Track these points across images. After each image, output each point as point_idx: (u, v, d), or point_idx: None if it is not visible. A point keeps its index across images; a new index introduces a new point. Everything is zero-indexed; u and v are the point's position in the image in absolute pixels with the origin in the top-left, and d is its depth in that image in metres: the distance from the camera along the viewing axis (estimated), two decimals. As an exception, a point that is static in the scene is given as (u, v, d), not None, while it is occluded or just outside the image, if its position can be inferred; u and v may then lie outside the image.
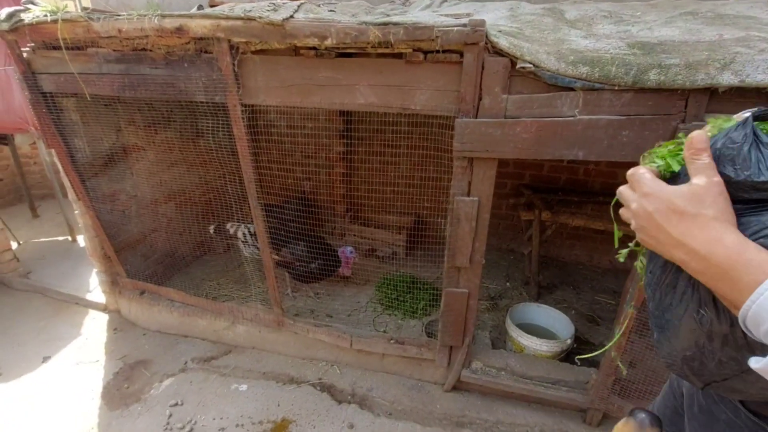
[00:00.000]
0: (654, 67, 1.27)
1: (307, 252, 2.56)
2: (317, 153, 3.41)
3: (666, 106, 1.32)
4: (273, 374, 2.38)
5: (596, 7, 2.05)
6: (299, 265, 2.58)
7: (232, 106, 1.77)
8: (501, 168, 3.24)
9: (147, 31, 1.68)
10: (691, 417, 0.89)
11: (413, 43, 1.44)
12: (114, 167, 2.55)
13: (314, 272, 2.60)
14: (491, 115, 1.49)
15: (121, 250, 2.65)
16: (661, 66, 1.27)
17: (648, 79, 1.27)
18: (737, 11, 1.85)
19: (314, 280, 2.71)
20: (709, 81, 1.25)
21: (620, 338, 1.71)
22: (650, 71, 1.27)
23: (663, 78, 1.26)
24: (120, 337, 2.73)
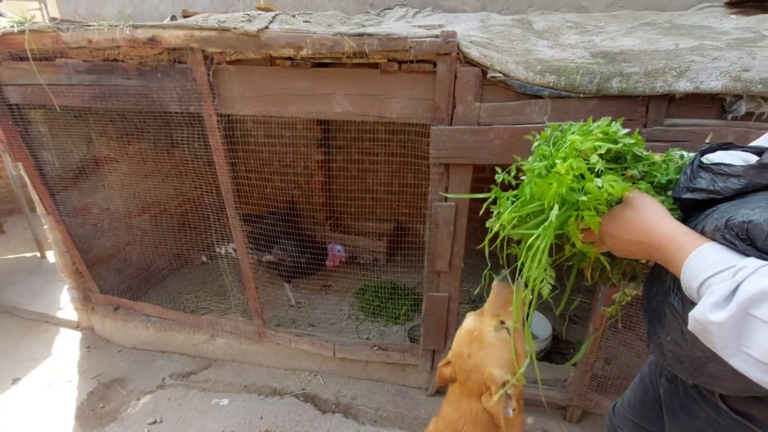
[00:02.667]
0: (616, 75, 1.34)
1: (296, 248, 2.57)
2: (296, 162, 3.41)
3: (629, 111, 1.39)
4: (255, 387, 2.34)
5: (563, 18, 2.14)
6: (290, 260, 2.57)
7: (208, 116, 1.76)
8: (478, 173, 3.30)
9: (119, 42, 1.66)
10: (672, 416, 0.93)
11: (388, 53, 1.47)
12: (85, 180, 2.48)
13: (304, 266, 2.60)
14: (465, 123, 1.53)
15: (94, 265, 2.57)
16: (622, 74, 1.34)
17: (611, 87, 1.34)
18: (693, 21, 1.97)
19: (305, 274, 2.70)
20: (667, 88, 1.32)
21: (596, 335, 1.77)
22: (613, 79, 1.34)
23: (624, 86, 1.33)
24: (94, 355, 2.63)
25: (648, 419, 1.15)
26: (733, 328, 0.55)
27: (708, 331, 0.58)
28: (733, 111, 1.34)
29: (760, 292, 0.52)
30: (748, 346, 0.54)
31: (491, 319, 1.06)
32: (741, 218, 0.58)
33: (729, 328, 0.55)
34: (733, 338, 0.55)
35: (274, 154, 3.31)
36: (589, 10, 2.44)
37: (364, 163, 3.24)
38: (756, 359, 0.54)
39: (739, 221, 0.58)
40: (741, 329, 0.54)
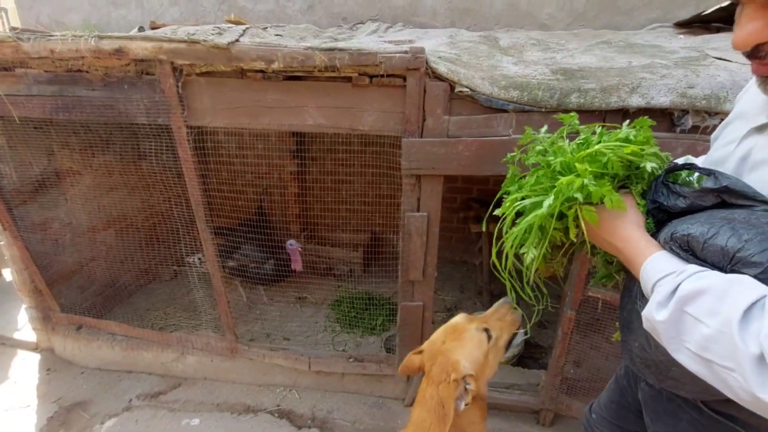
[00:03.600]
0: (574, 91, 1.42)
1: (260, 253, 2.51)
2: (269, 173, 3.37)
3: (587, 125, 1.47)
4: (227, 405, 2.28)
5: (527, 36, 2.25)
6: (254, 266, 2.51)
7: (177, 128, 1.74)
8: (450, 183, 3.38)
9: (83, 53, 1.62)
10: (656, 419, 0.95)
11: (359, 67, 1.50)
12: (45, 193, 2.37)
13: (270, 271, 2.55)
14: (435, 135, 1.58)
15: (54, 283, 2.44)
16: (580, 90, 1.42)
17: (570, 102, 1.41)
18: (645, 40, 2.10)
19: (270, 281, 2.65)
20: (621, 103, 1.41)
21: (563, 339, 1.83)
22: (571, 95, 1.42)
23: (582, 101, 1.41)
24: (54, 378, 2.49)
25: (625, 419, 1.18)
26: (674, 325, 0.61)
27: (655, 329, 0.65)
28: (681, 125, 1.44)
29: (693, 291, 0.59)
30: (686, 341, 0.60)
31: (479, 323, 1.12)
32: (682, 232, 0.66)
33: (670, 325, 0.61)
34: (675, 334, 0.61)
35: (246, 165, 3.27)
36: (551, 28, 2.57)
37: (339, 174, 3.25)
38: (693, 352, 0.59)
39: (680, 234, 0.66)
40: (680, 326, 0.60)
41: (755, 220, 0.61)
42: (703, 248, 0.63)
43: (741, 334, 0.53)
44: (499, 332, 1.11)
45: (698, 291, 0.59)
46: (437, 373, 1.05)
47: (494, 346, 1.09)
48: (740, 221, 0.62)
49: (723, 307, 0.56)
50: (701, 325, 0.58)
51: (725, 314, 0.55)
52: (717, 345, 0.56)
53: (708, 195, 0.68)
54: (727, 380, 0.56)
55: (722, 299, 0.57)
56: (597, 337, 1.98)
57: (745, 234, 0.59)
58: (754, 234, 0.59)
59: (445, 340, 1.10)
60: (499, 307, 1.17)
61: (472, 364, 1.04)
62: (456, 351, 1.06)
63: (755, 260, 0.57)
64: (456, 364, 1.03)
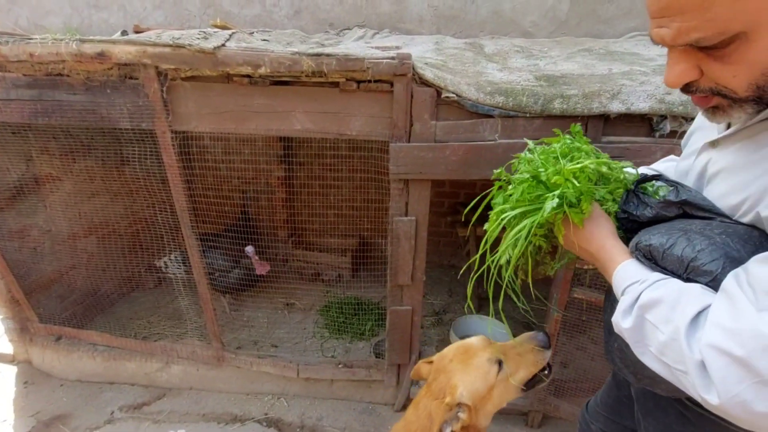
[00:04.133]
0: (557, 97, 1.45)
1: (225, 260, 2.46)
2: (257, 178, 3.35)
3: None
4: (214, 415, 2.23)
5: (511, 43, 2.30)
6: (218, 275, 2.45)
7: (161, 133, 1.71)
8: (438, 188, 3.41)
9: (64, 56, 1.59)
10: (646, 413, 0.98)
11: (346, 73, 1.51)
12: (23, 200, 2.30)
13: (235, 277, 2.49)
14: (422, 140, 1.59)
15: (32, 292, 2.37)
16: (563, 96, 1.45)
17: (553, 108, 1.44)
18: (624, 48, 2.17)
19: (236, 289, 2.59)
20: (602, 109, 1.45)
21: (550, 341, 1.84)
22: (555, 101, 1.45)
23: (565, 106, 1.44)
24: (32, 391, 2.40)
25: (620, 414, 1.21)
26: (638, 331, 0.67)
27: (623, 335, 0.70)
28: (660, 130, 1.48)
29: (651, 300, 0.64)
30: (649, 344, 0.65)
31: (494, 352, 1.04)
32: (645, 242, 0.71)
33: (634, 332, 0.67)
34: (639, 339, 0.67)
35: (233, 170, 3.24)
36: (534, 35, 2.62)
37: (327, 179, 3.24)
38: (655, 356, 0.65)
39: (643, 244, 0.71)
40: (642, 331, 0.66)
41: (709, 231, 0.66)
42: (663, 257, 0.68)
43: (687, 341, 0.59)
44: (514, 368, 1.02)
45: (656, 300, 0.64)
46: (436, 389, 1.03)
47: (503, 381, 1.01)
48: (695, 232, 0.66)
49: (674, 316, 0.61)
50: (658, 332, 0.63)
51: (675, 323, 0.61)
52: (670, 350, 0.61)
53: (671, 206, 0.73)
54: (682, 382, 0.61)
55: (674, 308, 0.62)
56: (583, 338, 2.01)
57: (699, 245, 0.64)
58: (706, 245, 0.64)
59: (453, 359, 1.05)
60: (524, 342, 1.08)
61: (470, 394, 0.98)
62: (458, 375, 1.00)
63: (706, 269, 0.63)
64: (453, 389, 0.98)
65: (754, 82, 0.57)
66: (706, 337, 0.57)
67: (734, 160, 0.69)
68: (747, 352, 0.53)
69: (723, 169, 0.72)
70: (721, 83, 0.59)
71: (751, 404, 0.54)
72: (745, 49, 0.53)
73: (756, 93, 0.58)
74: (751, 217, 0.65)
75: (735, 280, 0.59)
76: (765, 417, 0.55)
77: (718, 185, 0.72)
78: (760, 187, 0.62)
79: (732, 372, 0.55)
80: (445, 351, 1.11)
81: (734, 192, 0.68)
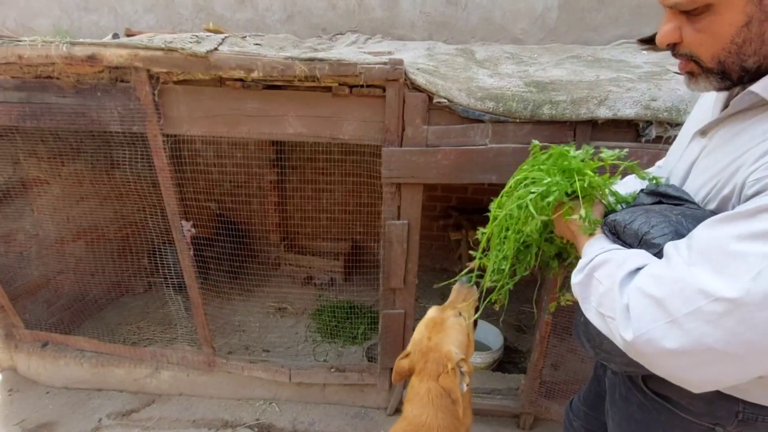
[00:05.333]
0: (546, 102, 1.48)
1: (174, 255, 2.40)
2: (248, 182, 3.33)
3: (559, 135, 1.53)
4: (204, 421, 2.21)
5: (501, 49, 2.33)
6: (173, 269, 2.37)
7: (153, 137, 1.70)
8: (430, 192, 3.43)
9: (54, 59, 1.57)
10: (612, 404, 1.02)
11: (339, 77, 1.52)
12: (10, 204, 2.26)
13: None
14: (414, 144, 1.61)
15: (18, 298, 2.32)
16: (552, 102, 1.48)
17: (542, 113, 1.47)
18: (612, 55, 2.21)
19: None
20: (590, 114, 1.48)
21: (540, 343, 1.87)
22: (544, 106, 1.47)
23: (554, 112, 1.47)
24: (17, 399, 2.35)
25: (599, 409, 1.21)
26: (585, 287, 0.75)
27: (574, 292, 0.78)
28: (645, 135, 1.52)
29: (602, 260, 0.73)
30: (591, 299, 0.73)
31: (452, 310, 1.23)
32: (611, 218, 0.79)
33: (582, 287, 0.75)
34: (585, 295, 0.75)
35: (225, 174, 3.23)
36: (524, 42, 2.67)
37: (319, 182, 3.24)
38: (595, 309, 0.72)
39: (609, 220, 0.80)
40: (588, 287, 0.74)
41: (667, 212, 0.73)
42: (623, 231, 0.76)
43: (621, 288, 0.66)
44: (469, 312, 1.24)
45: (605, 260, 0.73)
46: (433, 368, 1.12)
47: (469, 325, 1.23)
48: (655, 212, 0.74)
49: (617, 272, 0.69)
50: (600, 285, 0.71)
51: (615, 276, 0.68)
52: (606, 299, 0.69)
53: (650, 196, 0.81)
54: (611, 328, 0.68)
55: (619, 266, 0.69)
56: (573, 340, 2.04)
57: (654, 221, 0.72)
58: (660, 221, 0.71)
59: (430, 336, 1.18)
60: (460, 290, 1.29)
61: (460, 348, 1.16)
62: (444, 342, 1.15)
63: (655, 242, 0.70)
64: (449, 354, 1.12)
65: (716, 56, 0.64)
66: (635, 282, 0.65)
67: (714, 149, 0.74)
68: (665, 293, 0.60)
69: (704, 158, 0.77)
70: (692, 50, 0.66)
71: (660, 341, 0.60)
72: (712, 20, 0.61)
73: (719, 67, 0.65)
74: (716, 203, 0.70)
75: (673, 245, 0.65)
76: (669, 355, 0.60)
77: (697, 177, 0.78)
78: (726, 175, 0.68)
79: (649, 311, 0.61)
80: (416, 336, 1.23)
81: (709, 181, 0.73)
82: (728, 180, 0.67)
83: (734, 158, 0.66)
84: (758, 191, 0.58)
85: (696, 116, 0.86)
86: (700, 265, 0.59)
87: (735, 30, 0.60)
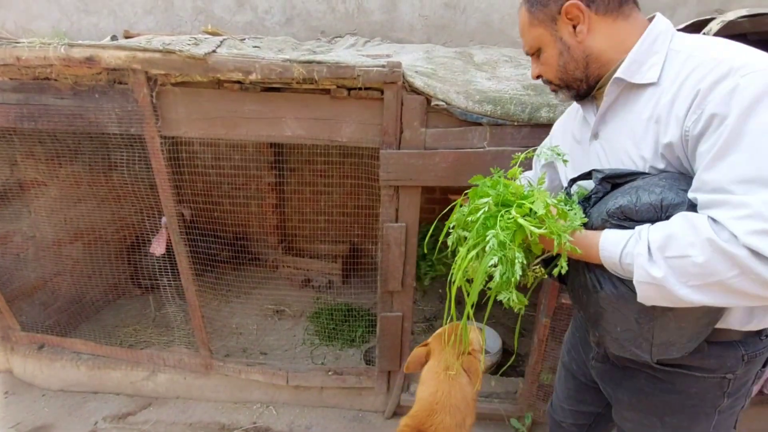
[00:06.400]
0: (544, 106, 1.48)
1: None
2: (247, 184, 3.33)
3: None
4: (201, 424, 2.19)
5: (500, 52, 2.33)
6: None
7: (150, 138, 1.70)
8: (428, 194, 3.42)
9: (52, 60, 1.57)
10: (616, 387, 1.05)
11: (337, 80, 1.52)
12: (7, 205, 2.26)
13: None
14: (412, 147, 1.61)
15: (15, 300, 2.31)
16: (549, 105, 1.48)
17: (540, 116, 1.47)
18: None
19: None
20: (588, 118, 1.48)
21: (539, 346, 1.86)
22: (542, 109, 1.48)
23: (552, 115, 1.47)
24: (13, 402, 2.34)
25: (584, 401, 1.25)
26: (673, 272, 0.69)
27: (657, 286, 0.72)
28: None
29: (661, 239, 0.70)
30: (688, 277, 0.69)
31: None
32: (613, 207, 0.79)
33: (671, 274, 0.70)
34: (677, 278, 0.70)
35: (223, 176, 3.22)
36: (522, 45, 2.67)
37: (317, 185, 3.24)
38: (700, 284, 0.68)
39: (613, 209, 0.79)
40: (676, 269, 0.69)
41: (647, 182, 0.77)
42: (636, 211, 0.76)
43: (728, 245, 0.64)
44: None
45: (666, 236, 0.70)
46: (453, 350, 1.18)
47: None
48: (641, 186, 0.77)
49: (695, 237, 0.67)
50: (691, 258, 0.67)
51: (701, 238, 0.66)
52: (715, 263, 0.66)
53: (604, 183, 0.85)
54: (742, 288, 0.66)
55: (686, 232, 0.68)
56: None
57: (656, 189, 0.75)
58: (659, 188, 0.75)
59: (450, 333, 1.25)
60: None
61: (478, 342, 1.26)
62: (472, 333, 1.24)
63: (677, 202, 0.73)
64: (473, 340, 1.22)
65: (556, 75, 0.92)
66: (738, 229, 0.64)
67: (609, 140, 0.90)
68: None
69: (604, 151, 0.91)
70: (545, 76, 0.95)
71: None
72: (545, 56, 0.91)
73: (562, 83, 0.92)
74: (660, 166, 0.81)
75: (718, 193, 0.68)
76: None
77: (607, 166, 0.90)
78: (648, 148, 0.81)
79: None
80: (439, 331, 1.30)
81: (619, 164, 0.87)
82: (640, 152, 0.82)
83: (632, 135, 0.84)
84: (706, 121, 0.69)
85: (568, 131, 1.07)
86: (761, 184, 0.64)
87: (556, 58, 0.89)
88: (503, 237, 0.83)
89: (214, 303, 2.76)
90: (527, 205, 0.84)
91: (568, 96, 0.95)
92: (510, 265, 0.84)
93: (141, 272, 2.75)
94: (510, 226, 0.83)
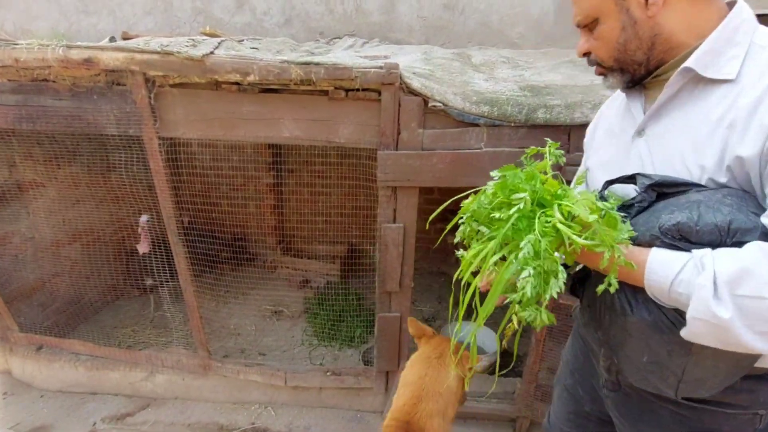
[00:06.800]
0: (541, 107, 1.49)
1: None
2: (245, 185, 3.34)
3: (554, 139, 1.50)
4: (199, 425, 2.19)
5: (498, 54, 2.34)
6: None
7: (149, 139, 1.70)
8: (427, 195, 3.42)
9: (50, 62, 1.58)
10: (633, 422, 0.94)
11: (334, 81, 1.53)
12: (6, 206, 2.26)
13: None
14: (410, 148, 1.61)
15: (13, 301, 2.31)
16: (546, 106, 1.49)
17: (537, 117, 1.48)
18: (606, 61, 2.23)
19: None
20: (584, 119, 1.48)
21: (537, 346, 1.87)
22: (539, 110, 1.48)
23: (549, 116, 1.47)
24: (11, 402, 2.34)
25: (585, 427, 1.17)
26: (743, 314, 0.58)
27: (720, 328, 0.60)
28: (640, 139, 1.53)
29: (734, 273, 0.58)
30: (759, 325, 0.58)
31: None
32: (669, 223, 0.66)
33: (740, 316, 0.58)
34: (747, 322, 0.58)
35: (221, 177, 3.22)
36: (521, 47, 2.68)
37: (316, 186, 3.24)
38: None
39: (669, 225, 0.66)
40: (747, 311, 0.58)
41: (711, 196, 0.65)
42: (696, 231, 0.63)
43: None
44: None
45: (740, 270, 0.57)
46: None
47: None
48: (703, 202, 0.65)
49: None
50: (767, 302, 0.56)
51: None
52: None
53: (649, 191, 0.73)
54: None
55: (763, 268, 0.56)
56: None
57: (724, 208, 0.63)
58: (726, 206, 0.63)
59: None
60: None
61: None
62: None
63: (748, 227, 0.61)
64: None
65: (611, 55, 0.79)
66: None
67: (660, 140, 0.78)
68: None
69: (652, 153, 0.80)
70: (596, 53, 0.82)
71: None
72: (601, 30, 0.78)
73: (617, 64, 0.80)
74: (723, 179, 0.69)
75: None
76: None
77: (655, 170, 0.78)
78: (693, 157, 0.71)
79: None
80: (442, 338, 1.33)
81: (671, 169, 0.75)
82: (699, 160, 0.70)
83: (693, 137, 0.72)
84: None
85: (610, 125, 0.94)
86: None
87: (617, 33, 0.76)
88: (544, 245, 0.67)
89: (213, 304, 2.76)
90: (565, 206, 0.69)
91: (618, 81, 0.81)
92: (543, 279, 0.68)
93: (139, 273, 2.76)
94: (548, 232, 0.68)
